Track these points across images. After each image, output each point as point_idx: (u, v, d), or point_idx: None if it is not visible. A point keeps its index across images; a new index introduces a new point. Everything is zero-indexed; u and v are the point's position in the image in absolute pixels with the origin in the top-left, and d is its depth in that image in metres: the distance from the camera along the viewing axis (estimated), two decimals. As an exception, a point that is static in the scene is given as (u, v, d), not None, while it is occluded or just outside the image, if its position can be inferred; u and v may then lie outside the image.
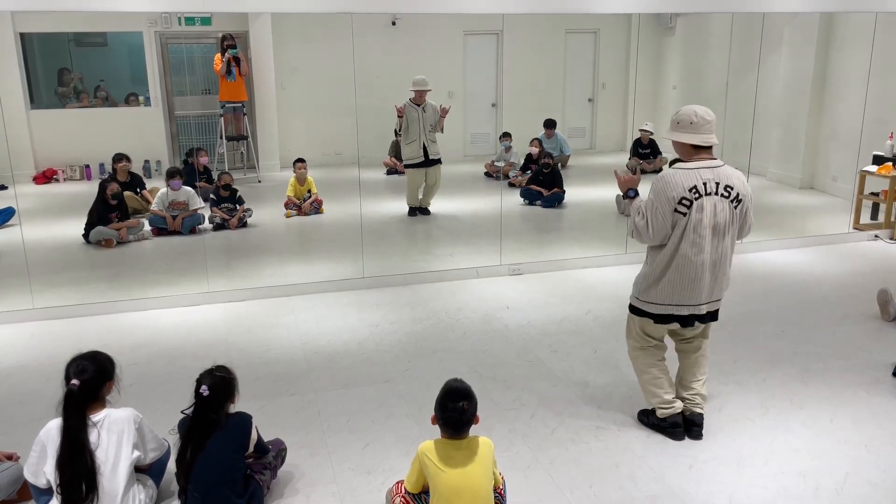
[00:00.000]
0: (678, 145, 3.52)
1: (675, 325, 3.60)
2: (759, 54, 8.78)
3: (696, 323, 3.59)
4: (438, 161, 8.31)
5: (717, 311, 3.63)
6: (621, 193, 3.67)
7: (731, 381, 4.33)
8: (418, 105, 8.15)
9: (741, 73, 9.63)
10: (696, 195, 3.37)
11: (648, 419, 3.83)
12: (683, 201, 3.37)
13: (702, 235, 3.39)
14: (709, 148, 3.46)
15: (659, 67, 11.99)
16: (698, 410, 3.76)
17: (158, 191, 7.86)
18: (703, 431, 3.73)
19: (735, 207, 3.44)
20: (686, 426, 3.73)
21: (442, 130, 8.32)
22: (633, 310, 3.70)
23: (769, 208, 8.58)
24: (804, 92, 9.52)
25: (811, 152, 9.62)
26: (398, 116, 8.13)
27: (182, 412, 3.13)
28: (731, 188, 3.42)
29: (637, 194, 3.61)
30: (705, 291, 3.50)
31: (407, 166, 8.34)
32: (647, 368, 3.75)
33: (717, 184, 3.40)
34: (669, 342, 3.84)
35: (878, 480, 3.37)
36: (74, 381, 2.92)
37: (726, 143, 9.86)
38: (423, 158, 8.21)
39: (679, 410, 3.73)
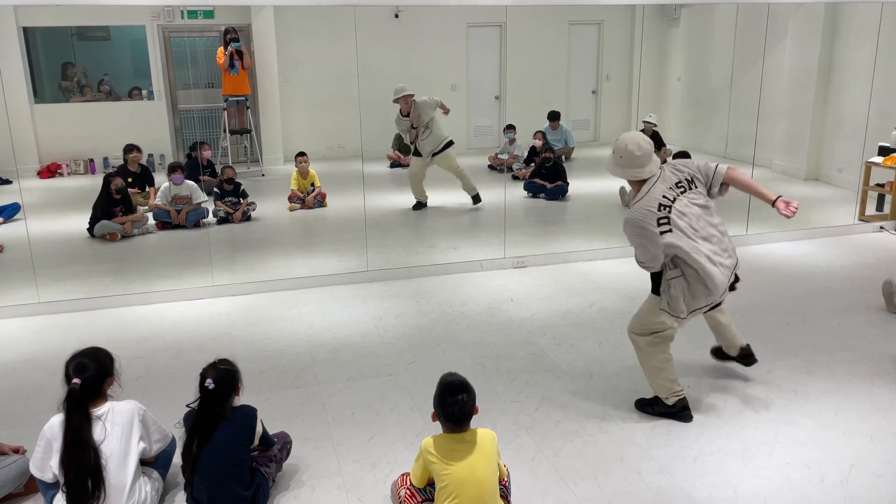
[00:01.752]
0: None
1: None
2: (763, 45, 8.73)
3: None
4: (442, 150, 8.17)
5: (736, 278, 3.72)
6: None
7: (736, 373, 4.33)
8: (406, 116, 8.06)
9: (746, 65, 9.60)
10: (668, 209, 3.49)
11: (654, 409, 3.84)
12: (661, 221, 3.48)
13: (696, 229, 3.52)
14: None
15: (663, 59, 11.96)
16: (743, 344, 4.14)
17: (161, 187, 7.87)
18: (707, 424, 3.76)
19: (696, 188, 3.60)
20: (743, 358, 4.15)
21: (447, 112, 8.20)
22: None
23: (774, 200, 8.55)
24: (809, 83, 9.47)
25: (816, 144, 9.57)
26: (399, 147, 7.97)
27: (188, 406, 3.14)
28: (681, 181, 3.58)
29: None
30: (723, 271, 3.55)
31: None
32: (663, 365, 3.75)
33: (670, 188, 3.54)
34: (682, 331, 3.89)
35: (882, 471, 3.37)
36: (76, 381, 2.91)
37: (731, 136, 9.85)
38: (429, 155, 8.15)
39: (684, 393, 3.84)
